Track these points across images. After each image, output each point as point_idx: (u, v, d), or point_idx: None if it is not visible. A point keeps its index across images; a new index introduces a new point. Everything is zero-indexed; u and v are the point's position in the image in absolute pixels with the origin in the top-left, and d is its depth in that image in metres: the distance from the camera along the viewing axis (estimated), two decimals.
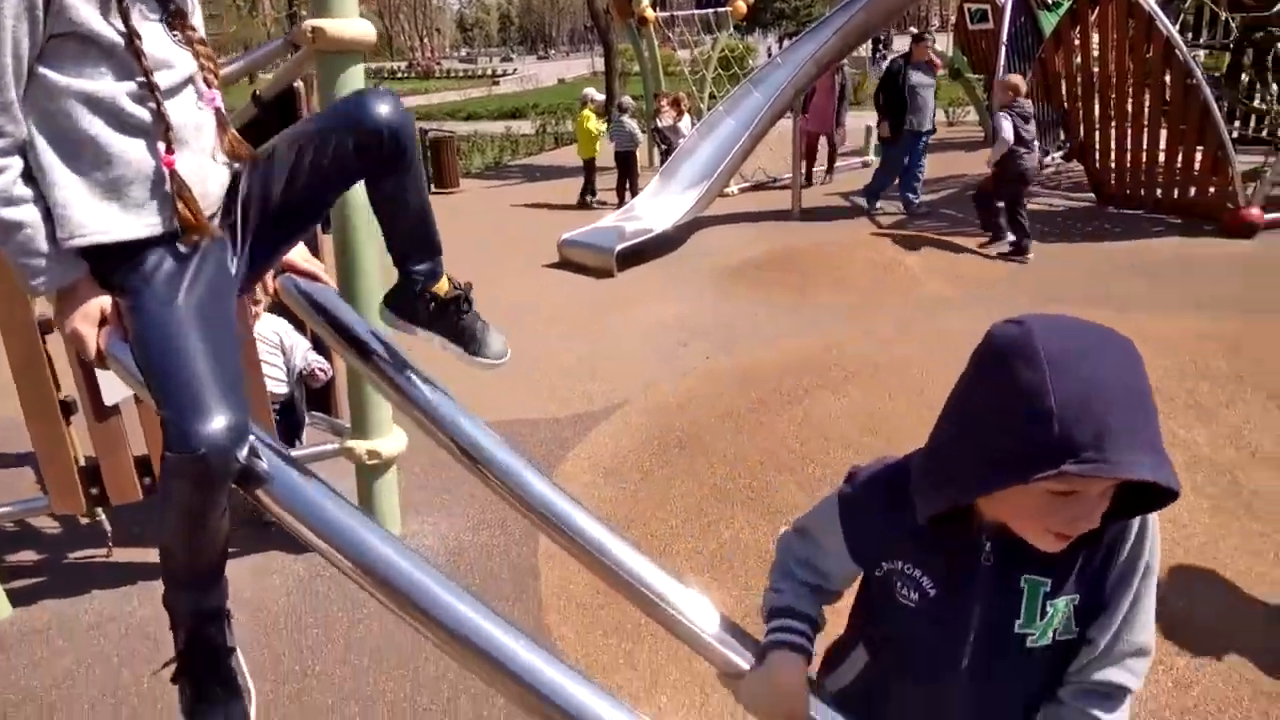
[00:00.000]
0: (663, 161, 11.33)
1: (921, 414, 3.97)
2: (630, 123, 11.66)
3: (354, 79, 3.23)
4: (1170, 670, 2.77)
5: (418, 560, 1.35)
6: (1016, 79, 8.06)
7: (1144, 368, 1.00)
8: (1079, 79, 9.53)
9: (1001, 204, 8.06)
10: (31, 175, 1.38)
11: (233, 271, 1.59)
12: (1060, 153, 11.49)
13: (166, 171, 1.45)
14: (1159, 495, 1.05)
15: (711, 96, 14.36)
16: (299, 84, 3.75)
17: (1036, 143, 7.97)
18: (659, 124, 12.15)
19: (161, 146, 1.45)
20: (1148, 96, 8.58)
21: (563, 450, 4.69)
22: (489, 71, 49.98)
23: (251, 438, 1.40)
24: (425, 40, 76.33)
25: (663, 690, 2.93)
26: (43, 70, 1.36)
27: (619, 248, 8.33)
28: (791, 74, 9.86)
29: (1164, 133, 8.66)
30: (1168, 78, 8.34)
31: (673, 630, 1.53)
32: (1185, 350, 4.79)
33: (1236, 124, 10.11)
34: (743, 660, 1.42)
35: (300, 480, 1.43)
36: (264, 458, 1.42)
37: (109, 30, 1.38)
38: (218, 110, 1.57)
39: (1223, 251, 7.71)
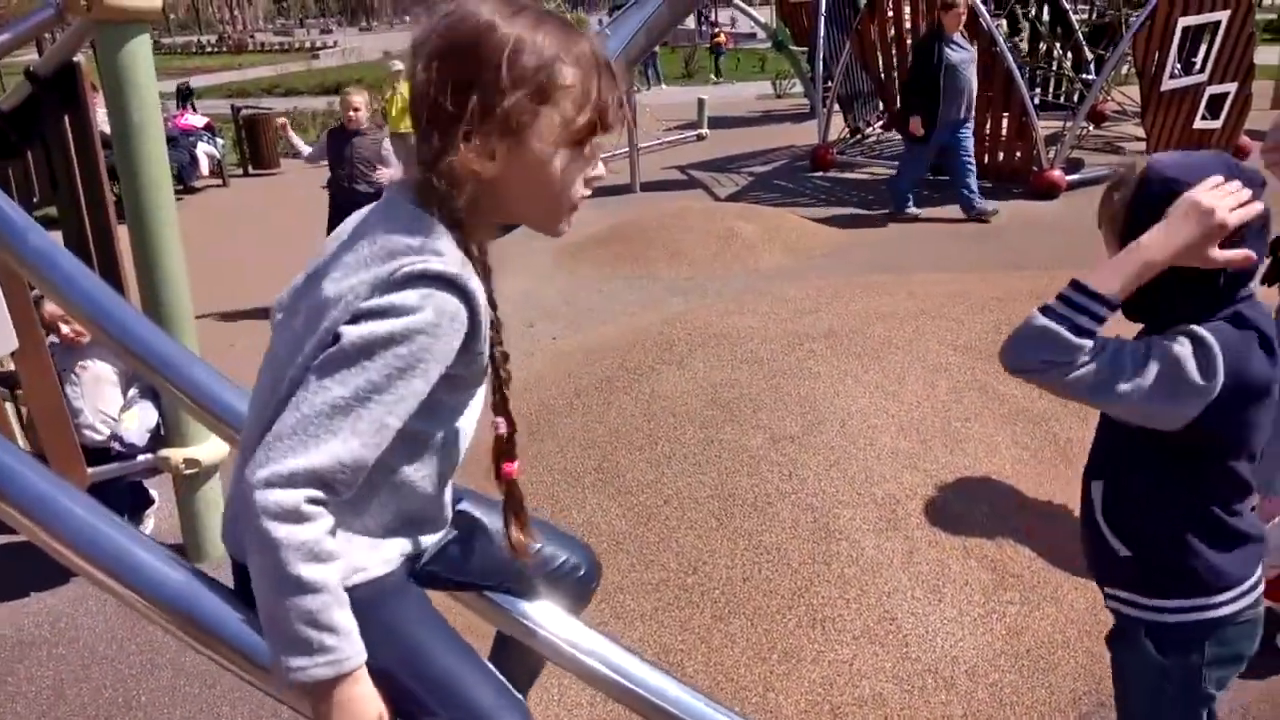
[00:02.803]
0: None
1: (762, 384, 4.02)
2: None
3: (139, 51, 2.92)
4: (1003, 618, 2.92)
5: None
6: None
7: None
8: (894, 49, 9.92)
9: None
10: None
11: None
12: (880, 122, 11.96)
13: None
14: None
15: None
16: (79, 58, 3.39)
17: None
18: None
19: None
20: None
21: None
22: (307, 44, 47.37)
23: None
24: (236, 13, 71.48)
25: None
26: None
27: None
28: (621, 45, 9.77)
29: None
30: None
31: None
32: (1002, 308, 5.07)
33: (1038, 90, 10.83)
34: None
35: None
36: None
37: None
38: None
39: (1032, 213, 8.24)
